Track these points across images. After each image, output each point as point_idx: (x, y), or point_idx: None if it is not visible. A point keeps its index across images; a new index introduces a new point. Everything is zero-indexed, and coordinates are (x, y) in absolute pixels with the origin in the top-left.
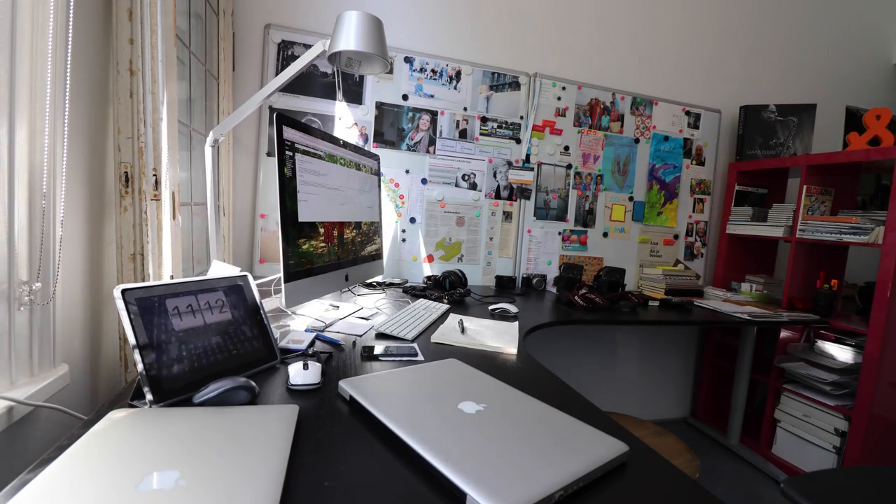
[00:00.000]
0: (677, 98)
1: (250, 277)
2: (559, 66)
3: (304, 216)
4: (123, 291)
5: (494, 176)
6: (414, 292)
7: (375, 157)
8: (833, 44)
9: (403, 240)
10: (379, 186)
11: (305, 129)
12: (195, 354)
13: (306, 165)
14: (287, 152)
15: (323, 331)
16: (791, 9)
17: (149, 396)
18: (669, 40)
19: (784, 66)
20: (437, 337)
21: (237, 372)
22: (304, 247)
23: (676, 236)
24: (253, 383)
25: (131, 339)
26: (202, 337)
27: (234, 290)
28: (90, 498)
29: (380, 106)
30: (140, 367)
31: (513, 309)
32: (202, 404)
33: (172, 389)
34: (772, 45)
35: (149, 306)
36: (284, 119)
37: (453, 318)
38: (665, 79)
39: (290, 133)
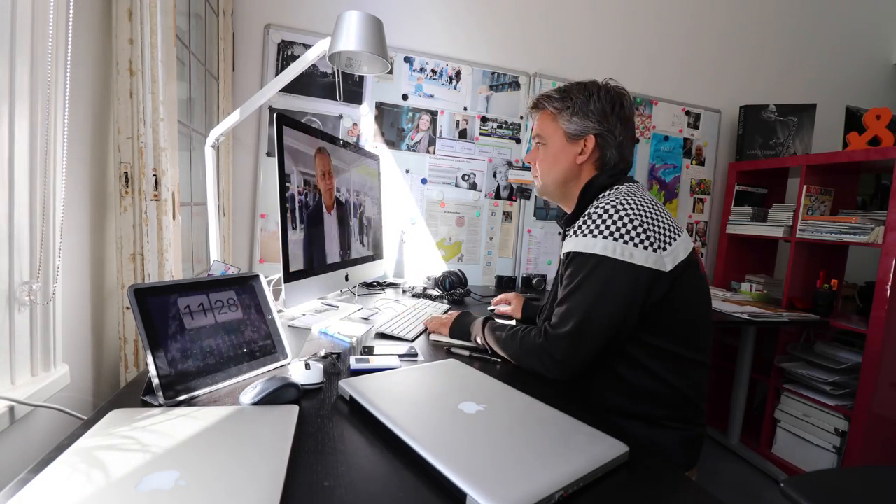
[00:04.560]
0: (677, 98)
1: (262, 277)
2: (559, 66)
3: (302, 215)
4: (136, 291)
5: (494, 176)
6: (414, 292)
7: (375, 158)
8: (833, 44)
9: (403, 240)
10: (379, 187)
11: (305, 129)
12: (206, 353)
13: (307, 165)
14: (288, 153)
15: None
16: (791, 9)
17: (160, 394)
18: (669, 40)
19: (784, 66)
20: (434, 336)
21: (250, 370)
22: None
23: None
24: (295, 380)
25: (143, 338)
26: (213, 335)
27: (246, 289)
28: (90, 498)
29: (380, 106)
30: (151, 367)
31: None
32: (255, 404)
33: (183, 387)
34: (772, 44)
35: (160, 305)
36: (284, 119)
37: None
38: (665, 79)
39: (290, 133)
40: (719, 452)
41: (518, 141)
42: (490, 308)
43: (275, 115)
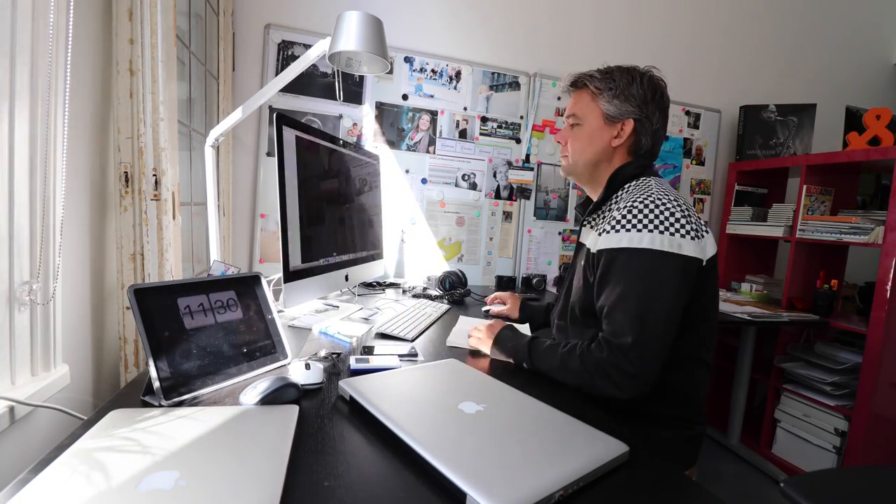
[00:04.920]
0: (677, 98)
1: (262, 277)
2: (559, 66)
3: (303, 215)
4: (136, 291)
5: (494, 176)
6: (414, 292)
7: (375, 157)
8: (833, 44)
9: (403, 240)
10: (379, 186)
11: (305, 129)
12: (206, 353)
13: (308, 164)
14: (288, 153)
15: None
16: (791, 9)
17: (160, 395)
18: (669, 40)
19: (784, 66)
20: (451, 341)
21: (250, 370)
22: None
23: None
24: (295, 380)
25: (143, 338)
26: (213, 335)
27: (246, 289)
28: (90, 498)
29: (380, 106)
30: (151, 367)
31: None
32: (255, 404)
33: (183, 388)
34: (772, 45)
35: (160, 305)
36: (284, 119)
37: (463, 321)
38: (665, 78)
39: (289, 133)
40: (719, 452)
41: (518, 141)
42: (485, 309)
43: (275, 115)
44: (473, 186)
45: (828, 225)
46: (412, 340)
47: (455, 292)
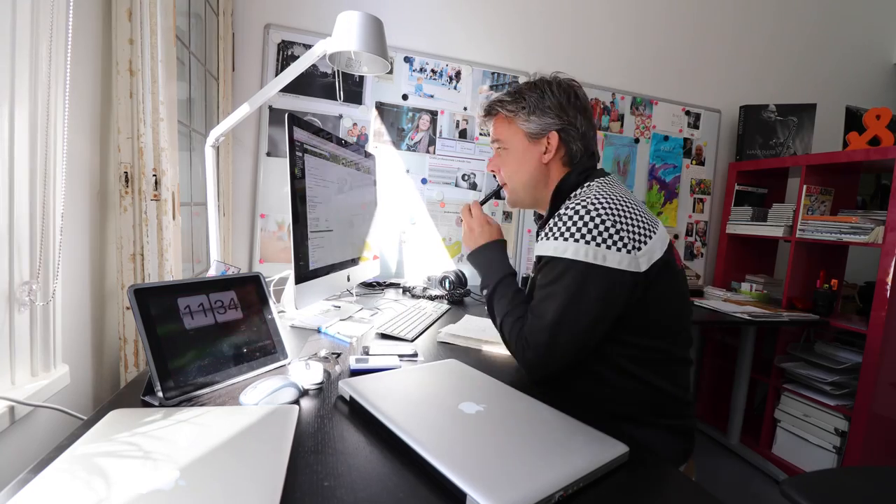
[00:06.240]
0: (677, 98)
1: (262, 277)
2: (559, 66)
3: (311, 216)
4: (136, 291)
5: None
6: (414, 292)
7: (372, 157)
8: (833, 44)
9: (403, 240)
10: (375, 186)
11: (314, 130)
12: (206, 353)
13: (314, 165)
14: (297, 153)
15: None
16: (791, 9)
17: (160, 395)
18: (670, 40)
19: (784, 66)
20: (442, 336)
21: (250, 370)
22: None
23: (676, 236)
24: (295, 380)
25: (142, 338)
26: (213, 336)
27: (246, 289)
28: (90, 498)
29: (380, 106)
30: (151, 367)
31: None
32: (255, 404)
33: (183, 388)
34: (772, 45)
35: (160, 305)
36: (296, 120)
37: (469, 321)
38: (665, 79)
39: (299, 134)
40: (719, 452)
41: None
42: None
43: (286, 117)
44: (473, 186)
45: (828, 225)
46: (412, 340)
47: (455, 292)
